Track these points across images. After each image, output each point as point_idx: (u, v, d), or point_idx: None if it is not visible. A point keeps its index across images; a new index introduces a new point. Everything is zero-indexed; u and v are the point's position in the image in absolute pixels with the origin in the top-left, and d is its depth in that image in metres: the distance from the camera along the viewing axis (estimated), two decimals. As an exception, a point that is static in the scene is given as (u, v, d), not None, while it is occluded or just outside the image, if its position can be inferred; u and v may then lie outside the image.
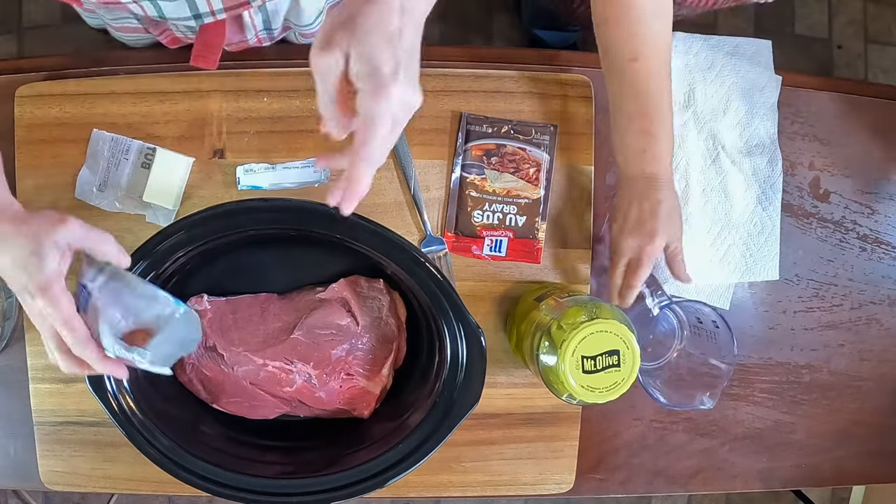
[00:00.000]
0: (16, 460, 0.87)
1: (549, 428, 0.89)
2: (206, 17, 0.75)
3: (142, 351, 0.62)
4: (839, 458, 0.96)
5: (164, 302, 0.62)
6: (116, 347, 0.62)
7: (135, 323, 0.62)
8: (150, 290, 0.62)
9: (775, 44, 0.93)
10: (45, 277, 0.59)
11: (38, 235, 0.59)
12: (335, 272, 0.84)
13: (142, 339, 0.62)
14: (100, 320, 0.62)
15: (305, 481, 0.73)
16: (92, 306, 0.62)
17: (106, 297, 0.62)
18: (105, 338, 0.62)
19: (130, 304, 0.62)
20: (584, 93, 0.88)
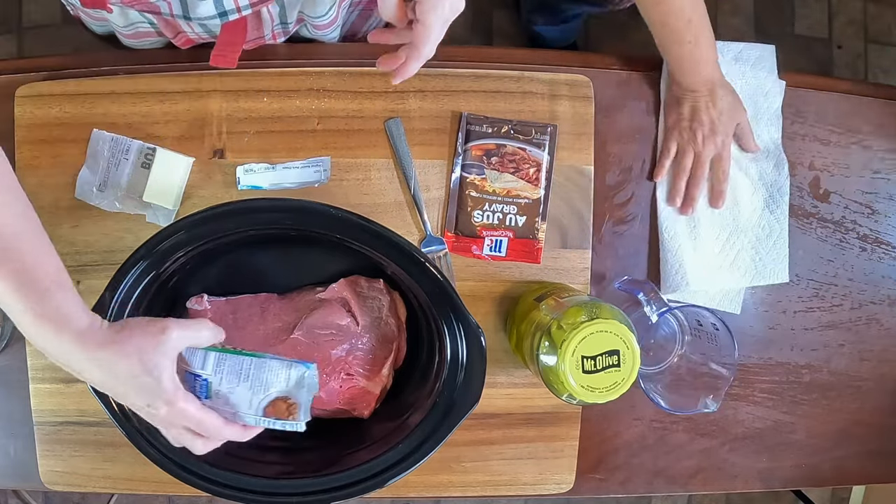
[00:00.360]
0: (16, 460, 0.87)
1: (549, 428, 0.89)
2: (231, 14, 0.75)
3: (294, 423, 0.63)
4: (839, 458, 0.96)
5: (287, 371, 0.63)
6: (263, 422, 0.63)
7: (266, 397, 0.63)
8: (268, 362, 0.63)
9: (775, 44, 0.93)
10: (167, 394, 0.59)
11: (145, 353, 0.58)
12: (335, 272, 0.84)
13: (284, 406, 0.63)
14: (231, 403, 0.63)
15: (305, 481, 0.73)
16: (215, 392, 0.63)
17: (225, 381, 0.63)
18: (246, 418, 0.63)
19: (253, 380, 0.63)
20: (584, 93, 0.88)
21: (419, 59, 0.67)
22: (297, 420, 0.63)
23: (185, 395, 0.60)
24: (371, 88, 0.85)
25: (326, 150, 0.85)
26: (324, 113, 0.85)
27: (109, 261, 0.83)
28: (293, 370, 0.63)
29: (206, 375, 0.62)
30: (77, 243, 0.84)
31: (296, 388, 0.63)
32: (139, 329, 0.59)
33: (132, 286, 0.70)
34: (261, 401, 0.63)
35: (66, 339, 0.57)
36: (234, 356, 0.63)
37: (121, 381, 0.58)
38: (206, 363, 0.62)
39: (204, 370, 0.62)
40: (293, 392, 0.63)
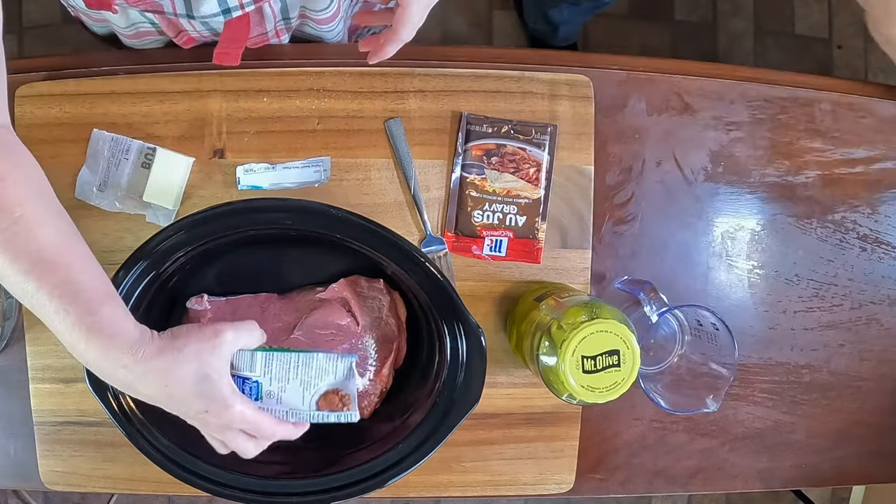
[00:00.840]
0: (16, 460, 0.87)
1: (549, 428, 0.89)
2: (234, 11, 0.75)
3: (349, 413, 0.64)
4: (839, 458, 0.96)
5: (333, 364, 0.64)
6: (319, 416, 0.64)
7: (317, 392, 0.64)
8: (314, 357, 0.64)
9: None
10: (226, 398, 0.59)
11: (202, 358, 0.58)
12: (335, 272, 0.84)
13: (336, 399, 0.64)
14: (284, 402, 0.63)
15: (305, 481, 0.73)
16: (266, 393, 0.63)
17: (276, 381, 0.63)
18: (298, 414, 0.64)
19: (302, 377, 0.63)
20: (584, 93, 0.88)
21: (397, 42, 0.69)
22: (352, 410, 0.64)
23: (242, 398, 0.60)
24: (371, 88, 0.85)
25: (326, 150, 0.85)
26: (324, 113, 0.85)
27: (109, 261, 0.82)
28: (341, 362, 0.64)
29: (256, 377, 0.62)
30: (77, 243, 0.84)
31: (344, 379, 0.64)
32: (194, 335, 0.59)
33: (132, 286, 0.71)
34: (313, 396, 0.63)
35: (118, 351, 0.56)
36: (281, 354, 0.63)
37: (179, 388, 0.58)
38: (255, 364, 0.62)
39: (253, 372, 0.62)
40: (343, 384, 0.64)
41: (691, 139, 0.91)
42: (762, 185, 0.92)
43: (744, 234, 0.93)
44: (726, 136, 0.91)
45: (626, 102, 0.90)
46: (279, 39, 0.89)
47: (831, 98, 0.93)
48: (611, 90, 0.90)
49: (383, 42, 0.70)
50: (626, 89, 0.90)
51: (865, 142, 0.94)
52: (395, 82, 0.86)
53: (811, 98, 0.93)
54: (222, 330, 0.59)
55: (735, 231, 0.93)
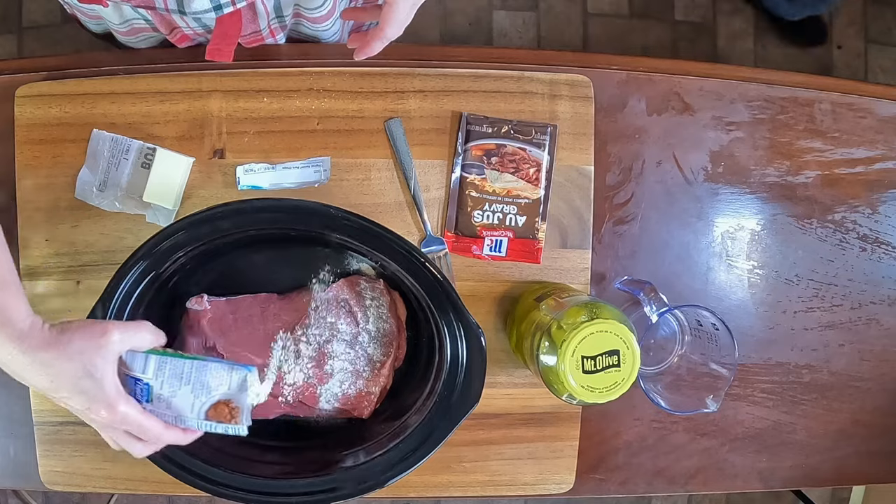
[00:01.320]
0: (16, 460, 0.87)
1: (549, 428, 0.89)
2: (225, 7, 0.75)
3: (233, 427, 0.63)
4: (839, 458, 0.96)
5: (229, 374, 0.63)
6: (206, 425, 0.63)
7: (209, 400, 0.62)
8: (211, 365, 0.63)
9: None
10: (108, 397, 0.58)
11: (86, 356, 0.57)
12: (335, 272, 0.84)
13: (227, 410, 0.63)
14: (173, 407, 0.62)
15: (305, 481, 0.73)
16: (156, 396, 0.62)
17: (167, 385, 0.62)
18: (189, 422, 0.63)
19: (195, 384, 0.62)
20: (584, 93, 0.88)
21: (382, 40, 0.69)
22: (240, 423, 0.63)
23: (126, 399, 0.60)
24: (371, 88, 0.85)
25: (326, 150, 0.85)
26: (324, 113, 0.85)
27: (109, 261, 0.83)
28: (235, 373, 0.63)
29: (147, 379, 0.62)
30: (77, 243, 0.84)
31: (238, 391, 0.63)
32: (81, 331, 0.58)
33: (132, 286, 0.71)
34: (203, 404, 0.62)
35: (6, 339, 0.56)
36: (176, 359, 0.62)
37: (62, 383, 0.58)
38: (147, 367, 0.62)
39: (145, 374, 0.62)
40: (235, 395, 0.63)
41: (691, 139, 0.91)
42: (762, 185, 0.92)
43: (744, 234, 0.93)
44: (726, 136, 0.92)
45: (626, 102, 0.90)
46: (274, 39, 0.89)
47: (831, 98, 0.93)
48: (611, 90, 0.90)
49: (369, 39, 0.70)
50: (626, 89, 0.90)
51: (865, 142, 0.94)
52: (395, 82, 0.86)
53: (811, 98, 0.93)
54: (109, 330, 0.59)
55: (735, 231, 0.93)
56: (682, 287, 0.92)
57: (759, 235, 0.93)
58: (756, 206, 0.93)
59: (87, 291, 0.83)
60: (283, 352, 0.79)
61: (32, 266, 0.83)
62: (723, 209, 0.92)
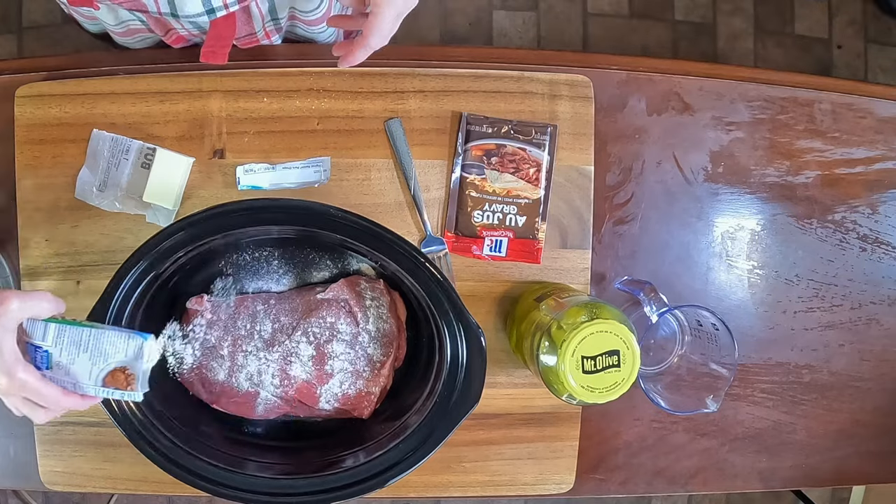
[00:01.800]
0: (16, 460, 0.87)
1: (549, 428, 0.89)
2: (218, 11, 0.75)
3: (128, 393, 0.64)
4: (839, 458, 0.96)
5: (126, 341, 0.64)
6: (103, 392, 0.64)
7: (106, 367, 0.64)
8: (107, 333, 0.64)
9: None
10: (6, 365, 0.59)
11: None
12: (335, 272, 0.84)
13: (123, 377, 0.64)
14: (71, 374, 0.63)
15: (305, 481, 0.73)
16: (55, 363, 0.63)
17: (66, 352, 0.63)
18: (87, 389, 0.64)
19: (93, 351, 0.64)
20: (584, 93, 0.88)
21: (366, 49, 0.69)
22: (135, 390, 0.64)
23: (25, 366, 0.61)
24: (371, 88, 0.85)
25: (326, 151, 0.85)
26: (324, 113, 0.85)
27: (109, 261, 0.83)
28: (131, 341, 0.64)
29: (47, 347, 0.63)
30: (77, 243, 0.84)
31: (134, 358, 0.64)
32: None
33: (132, 286, 0.71)
34: (100, 371, 0.64)
35: None
36: (74, 327, 0.64)
37: None
38: (47, 335, 0.63)
39: (44, 342, 0.63)
40: (131, 363, 0.64)
41: (691, 139, 0.91)
42: (762, 185, 0.92)
43: (744, 235, 0.93)
44: (726, 136, 0.92)
45: (626, 102, 0.90)
46: (269, 40, 0.89)
47: (831, 98, 0.93)
48: (611, 90, 0.90)
49: (353, 48, 0.70)
50: (626, 89, 0.90)
51: (865, 142, 0.94)
52: (395, 82, 0.86)
53: (811, 98, 0.93)
54: (7, 298, 0.60)
55: (735, 231, 0.93)
56: (682, 287, 0.92)
57: (759, 235, 0.93)
58: (756, 206, 0.93)
59: (87, 291, 0.83)
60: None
61: (32, 266, 0.83)
62: (723, 209, 0.92)
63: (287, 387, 0.79)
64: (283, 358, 0.79)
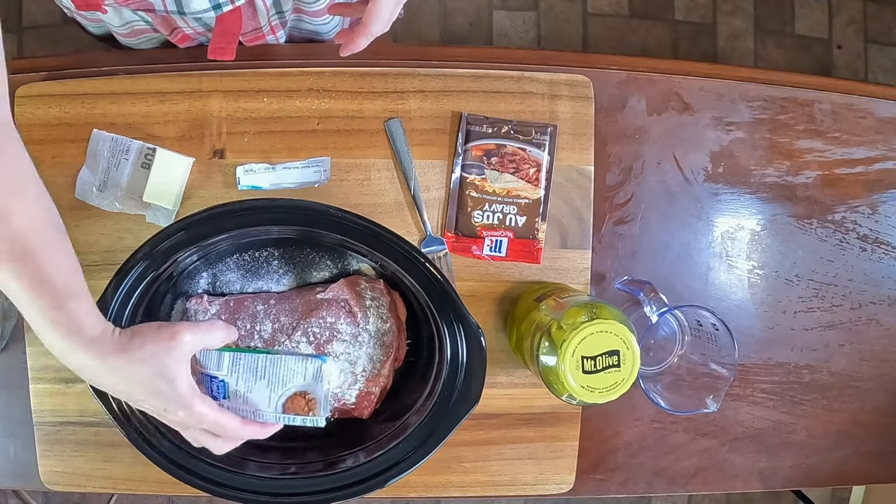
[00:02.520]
0: (16, 460, 0.87)
1: (549, 428, 0.89)
2: (225, 6, 0.75)
3: (315, 419, 0.64)
4: (839, 458, 0.96)
5: (304, 365, 0.63)
6: (283, 419, 0.63)
7: (285, 393, 0.63)
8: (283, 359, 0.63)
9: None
10: (183, 398, 0.59)
11: (158, 359, 0.58)
12: (335, 272, 0.84)
13: (303, 402, 0.63)
14: (250, 402, 0.63)
15: (305, 481, 0.73)
16: (233, 392, 0.63)
17: (242, 381, 0.62)
18: (266, 416, 0.63)
19: (270, 378, 0.62)
20: (584, 93, 0.88)
21: (367, 36, 0.70)
22: (318, 415, 0.64)
23: (201, 398, 0.60)
24: (371, 88, 0.85)
25: (326, 151, 0.85)
26: (324, 113, 0.85)
27: (109, 261, 0.83)
28: (309, 364, 0.63)
29: (223, 376, 0.62)
30: (77, 243, 0.83)
31: (313, 382, 0.63)
32: (151, 336, 0.59)
33: (132, 286, 0.71)
34: (279, 397, 0.63)
35: (76, 347, 0.57)
36: (250, 355, 0.63)
37: (136, 387, 0.59)
38: (222, 364, 0.62)
39: (220, 371, 0.62)
40: (311, 387, 0.63)
41: (691, 139, 0.91)
42: (762, 185, 0.92)
43: (744, 235, 0.93)
44: (726, 136, 0.92)
45: (626, 102, 0.90)
46: (275, 36, 0.89)
47: (831, 98, 0.93)
48: (611, 90, 0.90)
49: (354, 35, 0.70)
50: (626, 89, 0.90)
51: (865, 142, 0.94)
52: (395, 82, 0.86)
53: (811, 98, 0.93)
54: (179, 332, 0.59)
55: (735, 231, 0.93)
56: (682, 287, 0.92)
57: (759, 235, 0.93)
58: (756, 207, 0.93)
59: (87, 291, 0.83)
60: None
61: (32, 266, 0.83)
62: (723, 209, 0.92)
63: (287, 387, 0.79)
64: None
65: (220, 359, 0.62)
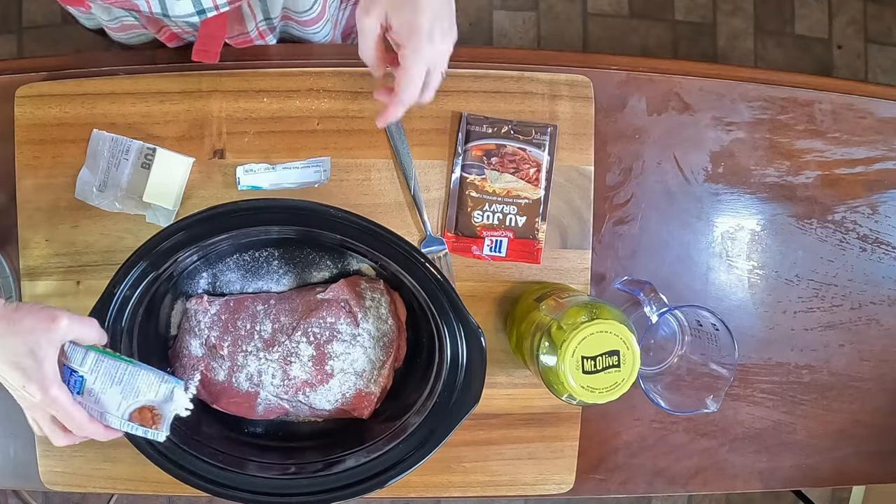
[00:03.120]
0: (16, 460, 0.87)
1: (549, 428, 0.89)
2: (209, 12, 0.75)
3: (152, 431, 0.65)
4: (839, 458, 0.96)
5: (158, 383, 0.65)
6: (127, 426, 0.65)
7: (135, 403, 0.65)
8: (142, 371, 0.65)
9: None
10: (45, 379, 0.60)
11: (34, 336, 0.60)
12: (335, 272, 0.84)
13: (150, 415, 0.65)
14: (101, 403, 0.65)
15: (305, 481, 0.73)
16: (87, 390, 0.65)
17: (99, 381, 0.64)
18: (111, 420, 0.65)
19: (125, 386, 0.65)
20: (584, 93, 0.88)
21: (399, 104, 0.69)
22: (160, 430, 0.66)
23: (60, 385, 0.62)
24: (371, 88, 0.85)
25: (326, 151, 0.85)
26: (324, 113, 0.85)
27: (109, 261, 0.83)
28: (164, 384, 0.66)
29: (83, 372, 0.64)
30: (77, 243, 0.84)
31: (164, 401, 0.66)
32: (34, 313, 0.61)
33: (132, 286, 0.71)
34: (129, 406, 0.65)
35: None
36: (113, 359, 0.65)
37: (4, 357, 0.60)
38: (86, 361, 0.64)
39: (82, 367, 0.64)
40: (160, 404, 0.66)
41: (691, 139, 0.91)
42: (762, 185, 0.92)
43: (744, 235, 0.93)
44: (726, 136, 0.92)
45: (626, 102, 0.90)
46: (263, 40, 0.89)
47: (831, 98, 0.93)
48: (611, 90, 0.90)
49: (389, 106, 0.70)
50: (626, 89, 0.90)
51: (865, 142, 0.94)
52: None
53: (811, 98, 0.93)
54: (59, 316, 0.61)
55: (735, 231, 0.93)
56: (682, 287, 0.92)
57: (759, 236, 0.93)
58: (756, 207, 0.93)
59: (87, 292, 0.83)
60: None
61: (32, 266, 0.83)
62: (723, 209, 0.92)
63: (287, 387, 0.79)
64: (283, 358, 0.79)
65: (85, 355, 0.64)
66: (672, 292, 0.90)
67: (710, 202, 0.92)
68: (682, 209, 0.91)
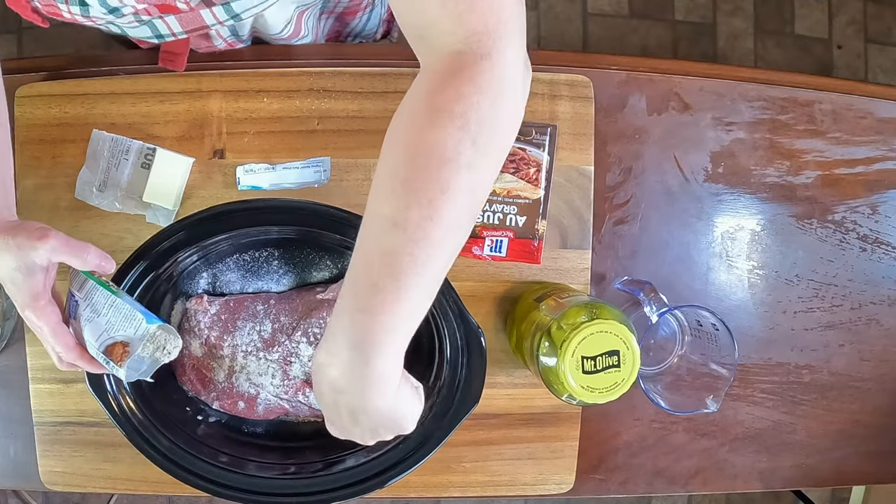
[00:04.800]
0: (16, 460, 0.87)
1: (549, 428, 0.89)
2: (167, 38, 0.76)
3: (116, 367, 0.65)
4: (839, 458, 0.96)
5: (137, 320, 0.64)
6: (101, 358, 0.65)
7: (112, 338, 0.65)
8: (126, 306, 0.65)
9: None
10: (31, 291, 0.62)
11: (23, 251, 0.61)
12: (335, 272, 0.84)
13: (121, 351, 0.65)
14: (87, 331, 0.65)
15: (305, 481, 0.73)
16: (79, 315, 0.66)
17: (88, 310, 0.65)
18: (90, 347, 0.65)
19: (110, 318, 0.65)
20: (584, 93, 0.88)
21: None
22: (121, 367, 0.65)
23: (49, 304, 0.63)
24: (371, 88, 0.85)
25: (326, 151, 0.85)
26: (324, 113, 0.85)
27: (109, 261, 0.83)
28: (143, 323, 0.64)
29: (79, 298, 0.65)
30: (77, 243, 0.84)
31: (139, 339, 0.64)
32: (28, 230, 0.62)
33: (132, 286, 0.71)
34: (107, 339, 0.65)
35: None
36: (105, 291, 0.65)
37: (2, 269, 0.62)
38: (83, 288, 0.65)
39: (79, 293, 0.65)
40: (134, 342, 0.65)
41: (691, 139, 0.91)
42: (762, 185, 0.92)
43: (744, 235, 0.93)
44: (726, 136, 0.92)
45: (626, 102, 0.90)
46: (233, 48, 0.90)
47: (831, 98, 0.93)
48: (611, 90, 0.90)
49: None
50: (626, 89, 0.90)
51: (865, 142, 0.94)
52: (395, 82, 0.86)
53: (811, 98, 0.93)
54: (48, 235, 0.62)
55: (735, 231, 0.93)
56: (682, 287, 0.92)
57: (759, 236, 0.93)
58: (756, 207, 0.93)
59: (87, 291, 0.83)
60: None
61: (32, 266, 0.83)
62: (723, 209, 0.92)
63: (287, 387, 0.79)
64: (283, 358, 0.79)
65: (84, 282, 0.65)
66: (672, 292, 0.90)
67: (710, 202, 0.92)
68: (682, 209, 0.91)
